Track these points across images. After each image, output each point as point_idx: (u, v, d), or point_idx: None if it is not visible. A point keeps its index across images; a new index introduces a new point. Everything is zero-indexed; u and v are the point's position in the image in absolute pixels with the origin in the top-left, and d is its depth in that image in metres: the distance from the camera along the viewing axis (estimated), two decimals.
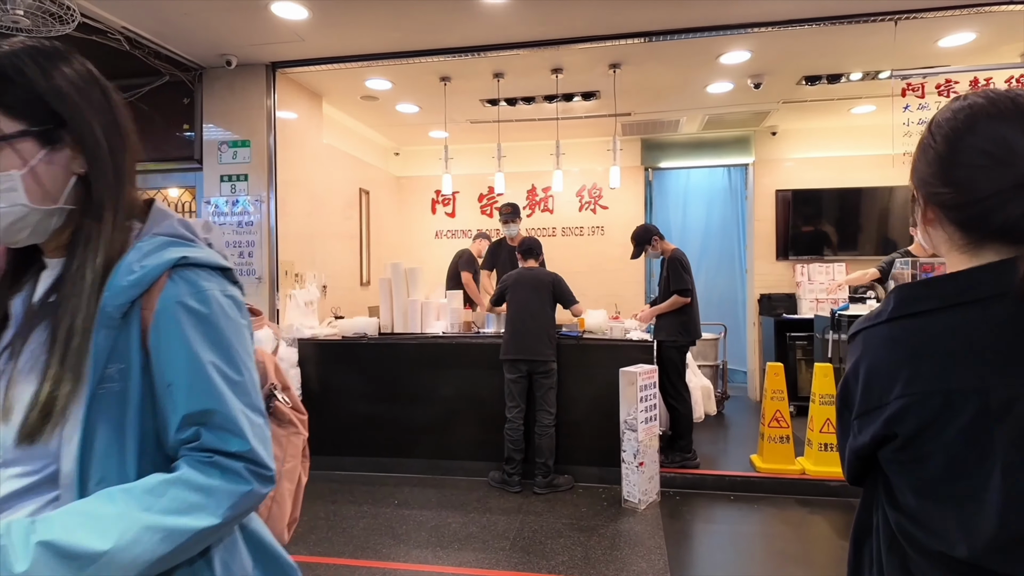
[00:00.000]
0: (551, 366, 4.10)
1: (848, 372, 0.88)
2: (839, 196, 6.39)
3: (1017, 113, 0.72)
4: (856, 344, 0.87)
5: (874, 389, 0.78)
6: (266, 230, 4.59)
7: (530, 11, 3.80)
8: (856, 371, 0.84)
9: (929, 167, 0.79)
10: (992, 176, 0.71)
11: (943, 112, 0.82)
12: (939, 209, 0.78)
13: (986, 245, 0.74)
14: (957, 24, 4.01)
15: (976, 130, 0.74)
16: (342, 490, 4.22)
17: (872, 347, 0.81)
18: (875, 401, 0.78)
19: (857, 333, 0.89)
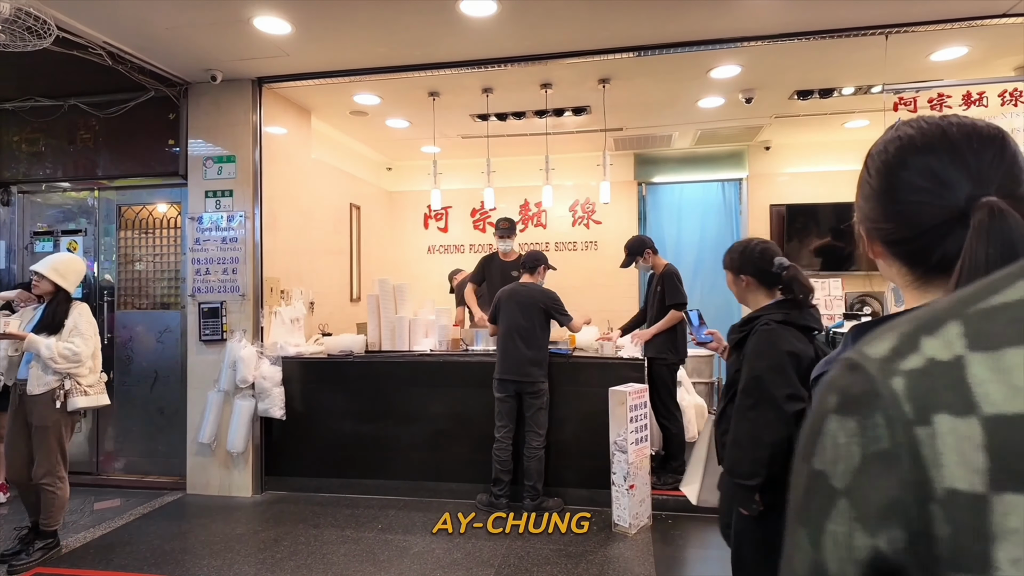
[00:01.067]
0: (540, 387, 4.00)
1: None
2: (834, 211, 6.33)
3: (946, 143, 0.68)
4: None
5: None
6: (251, 246, 4.51)
7: (517, 25, 3.76)
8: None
9: (867, 202, 0.74)
10: (927, 211, 0.67)
11: (876, 145, 0.77)
12: (883, 245, 0.74)
13: (933, 280, 0.70)
14: (949, 38, 3.97)
15: (907, 164, 0.70)
16: (325, 513, 4.10)
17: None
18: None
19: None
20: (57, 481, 3.37)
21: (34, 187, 5.09)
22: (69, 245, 5.01)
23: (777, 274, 2.05)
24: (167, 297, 4.89)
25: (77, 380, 3.30)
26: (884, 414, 0.36)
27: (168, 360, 4.83)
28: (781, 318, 1.97)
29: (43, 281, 3.27)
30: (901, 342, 0.38)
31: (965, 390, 0.33)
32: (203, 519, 4.06)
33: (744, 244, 2.17)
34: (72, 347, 3.22)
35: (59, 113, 4.86)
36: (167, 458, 4.78)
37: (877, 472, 0.35)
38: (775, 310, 2.02)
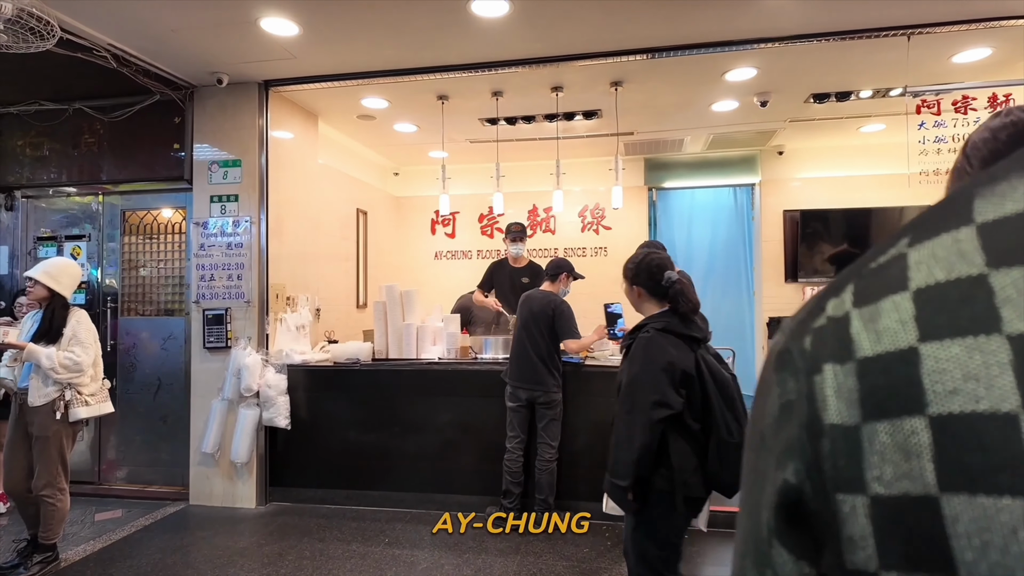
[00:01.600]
0: (553, 397, 3.88)
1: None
2: (848, 216, 6.22)
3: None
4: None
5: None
6: (256, 252, 4.43)
7: (528, 27, 3.68)
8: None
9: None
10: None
11: (980, 132, 0.67)
12: None
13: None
14: (972, 39, 3.86)
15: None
16: (330, 526, 4.00)
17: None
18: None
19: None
20: (57, 493, 3.28)
21: (38, 192, 5.03)
22: (72, 251, 4.94)
23: (666, 287, 2.14)
24: (171, 304, 4.81)
25: (78, 390, 3.21)
26: (791, 368, 0.41)
27: (171, 368, 4.75)
28: (662, 326, 2.09)
29: (37, 287, 3.19)
30: (814, 304, 0.43)
31: (847, 340, 0.39)
32: (206, 531, 3.96)
33: (640, 256, 2.26)
34: (73, 356, 3.14)
35: (63, 117, 4.80)
36: (170, 468, 4.69)
37: (785, 416, 0.41)
38: (659, 319, 2.13)
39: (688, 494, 2.00)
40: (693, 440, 2.03)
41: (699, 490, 2.02)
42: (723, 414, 2.01)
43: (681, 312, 2.12)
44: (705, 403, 2.03)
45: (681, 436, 2.02)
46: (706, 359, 2.07)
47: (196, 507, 4.42)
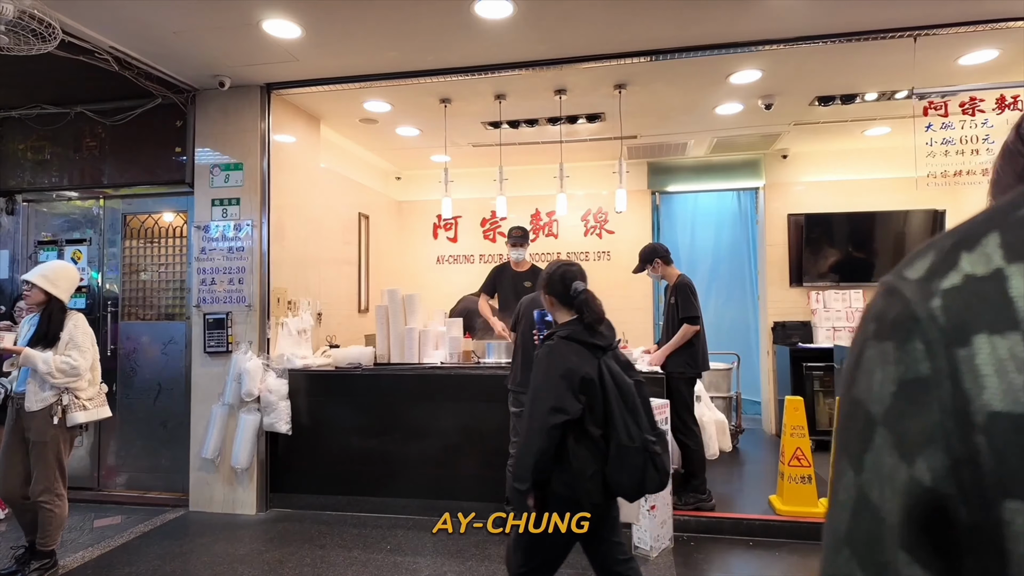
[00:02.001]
0: None
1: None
2: (853, 220, 6.17)
3: None
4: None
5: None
6: (258, 256, 4.40)
7: (531, 29, 3.65)
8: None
9: (1019, 179, 0.60)
10: None
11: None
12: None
13: None
14: (979, 41, 3.83)
15: None
16: (331, 532, 3.95)
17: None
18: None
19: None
20: (55, 499, 3.24)
21: (39, 196, 5.01)
22: (73, 255, 4.92)
23: (573, 297, 2.22)
24: (172, 308, 4.78)
25: (76, 394, 3.18)
26: (922, 338, 0.34)
27: (172, 372, 4.72)
28: (566, 335, 2.16)
29: (34, 290, 3.15)
30: (938, 260, 0.36)
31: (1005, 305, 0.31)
32: (205, 538, 3.91)
33: (554, 268, 2.34)
34: (70, 361, 3.10)
35: (65, 120, 4.79)
36: (170, 473, 4.64)
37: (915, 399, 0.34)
38: (565, 327, 2.21)
39: (589, 499, 2.04)
40: (594, 445, 2.06)
41: (599, 495, 2.04)
42: (624, 419, 2.04)
43: (586, 321, 2.17)
44: (606, 409, 2.05)
45: (582, 441, 2.05)
46: (609, 366, 2.10)
47: (196, 513, 4.37)
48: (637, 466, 2.01)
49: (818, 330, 5.99)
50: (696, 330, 4.06)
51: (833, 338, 5.80)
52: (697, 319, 4.07)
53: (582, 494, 2.02)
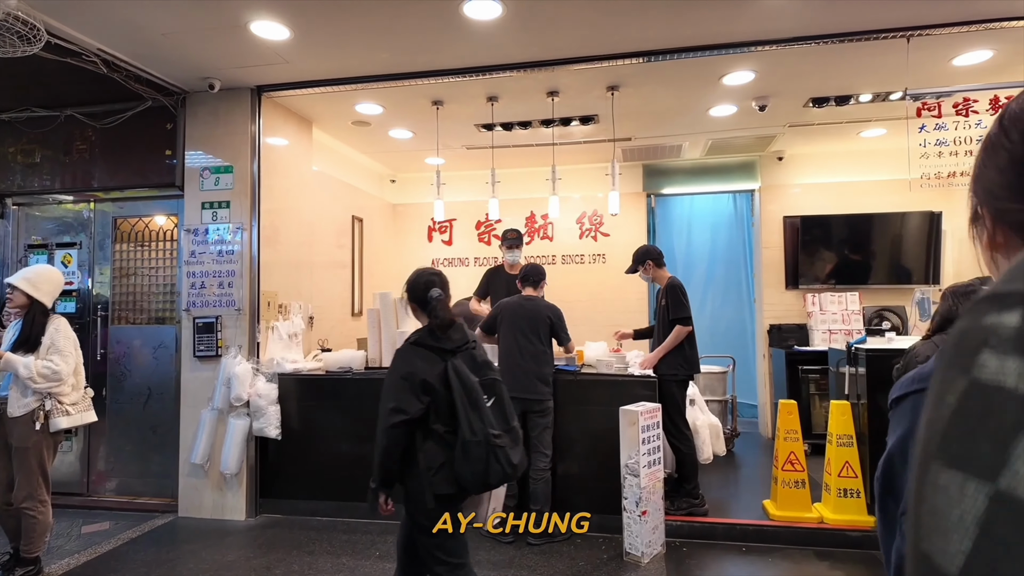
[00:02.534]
0: (547, 405, 3.81)
1: (892, 447, 0.63)
2: (849, 222, 6.14)
3: None
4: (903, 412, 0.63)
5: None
6: (248, 259, 4.37)
7: (521, 31, 3.63)
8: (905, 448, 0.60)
9: (1001, 174, 0.56)
10: None
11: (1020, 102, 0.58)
12: (1013, 232, 0.55)
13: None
14: (973, 41, 3.81)
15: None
16: (320, 539, 3.91)
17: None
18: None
19: (904, 397, 0.64)
20: (38, 505, 3.20)
21: (29, 199, 4.99)
22: (63, 259, 4.89)
23: (427, 303, 2.35)
24: (162, 312, 4.75)
25: (59, 399, 3.14)
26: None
27: (162, 377, 4.68)
28: (415, 339, 2.30)
29: (15, 293, 3.12)
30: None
31: None
32: (193, 544, 3.87)
33: (415, 276, 2.48)
34: (51, 366, 3.06)
35: (55, 124, 4.76)
36: (160, 479, 4.61)
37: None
38: (416, 332, 2.34)
39: (436, 491, 2.18)
40: (441, 441, 2.21)
41: (446, 487, 2.18)
42: (467, 415, 2.17)
43: (433, 327, 2.32)
44: (452, 407, 2.19)
45: (429, 438, 2.22)
46: (456, 367, 2.23)
47: (185, 519, 4.33)
48: (480, 459, 2.13)
49: (814, 333, 5.96)
50: (688, 331, 4.03)
51: (829, 341, 5.76)
52: (688, 320, 4.03)
53: (427, 487, 2.18)
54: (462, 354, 2.29)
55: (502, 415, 2.25)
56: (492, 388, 2.28)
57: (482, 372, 2.30)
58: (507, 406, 2.29)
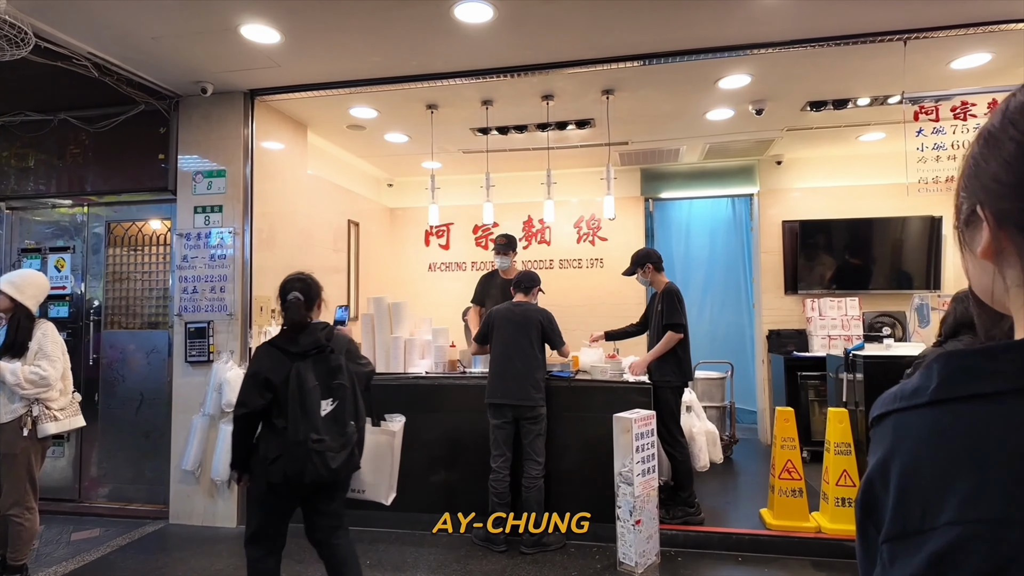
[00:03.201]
0: (539, 411, 3.76)
1: (873, 470, 0.59)
2: (849, 227, 6.09)
3: None
4: (884, 431, 0.58)
5: (913, 504, 0.50)
6: (240, 263, 4.34)
7: (515, 33, 3.60)
8: (885, 472, 0.55)
9: (1008, 169, 0.51)
10: None
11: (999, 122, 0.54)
12: (1019, 233, 0.51)
13: None
14: (971, 44, 3.76)
15: None
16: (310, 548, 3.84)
17: (909, 440, 0.53)
18: (915, 522, 0.50)
19: (884, 416, 0.59)
20: (25, 512, 3.16)
21: (23, 203, 4.97)
22: (56, 263, 4.87)
23: (283, 305, 2.55)
24: (155, 317, 4.72)
25: (46, 405, 3.11)
26: None
27: (154, 382, 4.65)
28: (271, 339, 2.50)
29: (0, 297, 3.09)
30: None
31: None
32: (183, 552, 3.83)
33: (285, 278, 2.63)
34: (39, 371, 3.03)
35: (49, 128, 4.75)
36: (152, 485, 4.57)
37: None
38: (279, 332, 2.54)
39: (269, 479, 2.39)
40: (281, 436, 2.38)
41: (278, 477, 2.37)
42: (296, 418, 2.34)
43: (284, 329, 2.52)
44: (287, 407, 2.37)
45: (271, 431, 2.42)
46: (299, 371, 2.38)
47: (176, 526, 4.29)
48: (298, 459, 2.32)
49: (813, 338, 5.90)
50: (680, 338, 3.98)
51: (828, 347, 5.71)
52: (681, 326, 3.99)
53: (262, 474, 2.41)
54: (312, 359, 2.43)
55: (337, 421, 2.40)
56: (335, 392, 2.43)
57: (330, 377, 2.44)
58: (347, 413, 2.43)
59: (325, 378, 2.43)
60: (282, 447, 2.35)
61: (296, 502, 2.57)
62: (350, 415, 2.44)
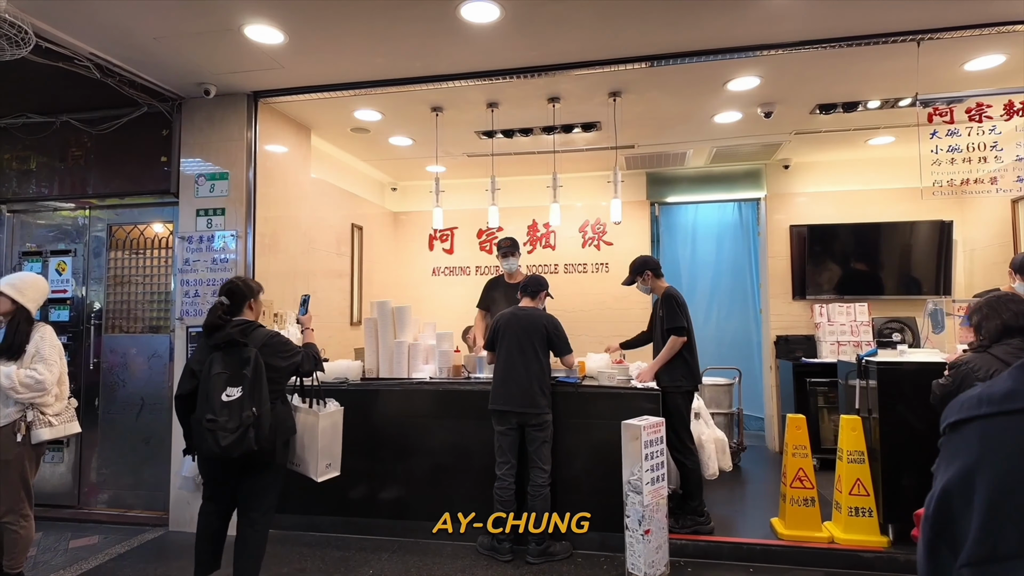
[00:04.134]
0: (544, 418, 3.68)
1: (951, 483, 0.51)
2: (857, 232, 6.02)
3: None
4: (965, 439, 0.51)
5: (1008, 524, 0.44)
6: (242, 267, 4.29)
7: (520, 34, 3.55)
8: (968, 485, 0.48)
9: None
10: None
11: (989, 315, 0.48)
12: None
13: None
14: (985, 45, 3.70)
15: None
16: (312, 555, 3.79)
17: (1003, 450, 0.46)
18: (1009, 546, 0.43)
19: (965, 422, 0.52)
20: (20, 519, 3.09)
21: (24, 206, 4.93)
22: (58, 266, 4.82)
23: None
24: (157, 320, 4.67)
25: (41, 410, 3.04)
26: None
27: (155, 387, 4.59)
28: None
29: (1, 299, 3.04)
30: None
31: None
32: (181, 560, 3.75)
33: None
34: (34, 375, 2.97)
35: (51, 130, 4.71)
36: (152, 491, 4.50)
37: None
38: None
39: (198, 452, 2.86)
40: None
41: (189, 448, 2.89)
42: (200, 401, 2.72)
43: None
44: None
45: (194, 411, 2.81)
46: (211, 361, 2.76)
47: (175, 533, 4.22)
48: (199, 434, 2.70)
49: (822, 344, 5.82)
50: (683, 341, 3.90)
51: (837, 353, 5.62)
52: (683, 329, 3.91)
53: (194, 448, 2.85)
54: (224, 351, 2.78)
55: (235, 406, 2.68)
56: (241, 381, 2.72)
57: (238, 368, 2.75)
58: (247, 399, 2.69)
59: (234, 368, 2.74)
60: (194, 424, 2.76)
61: (225, 473, 2.92)
62: (252, 402, 2.69)
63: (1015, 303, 2.43)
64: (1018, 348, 2.35)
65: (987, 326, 2.42)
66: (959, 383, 2.44)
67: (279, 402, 2.94)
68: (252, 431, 2.67)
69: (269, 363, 2.83)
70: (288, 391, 3.15)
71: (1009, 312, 2.39)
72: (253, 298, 3.06)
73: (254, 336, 2.87)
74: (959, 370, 2.49)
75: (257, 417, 2.70)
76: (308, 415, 3.17)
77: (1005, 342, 2.37)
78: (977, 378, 2.35)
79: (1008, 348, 2.36)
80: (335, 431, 3.28)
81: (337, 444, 3.30)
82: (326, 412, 3.20)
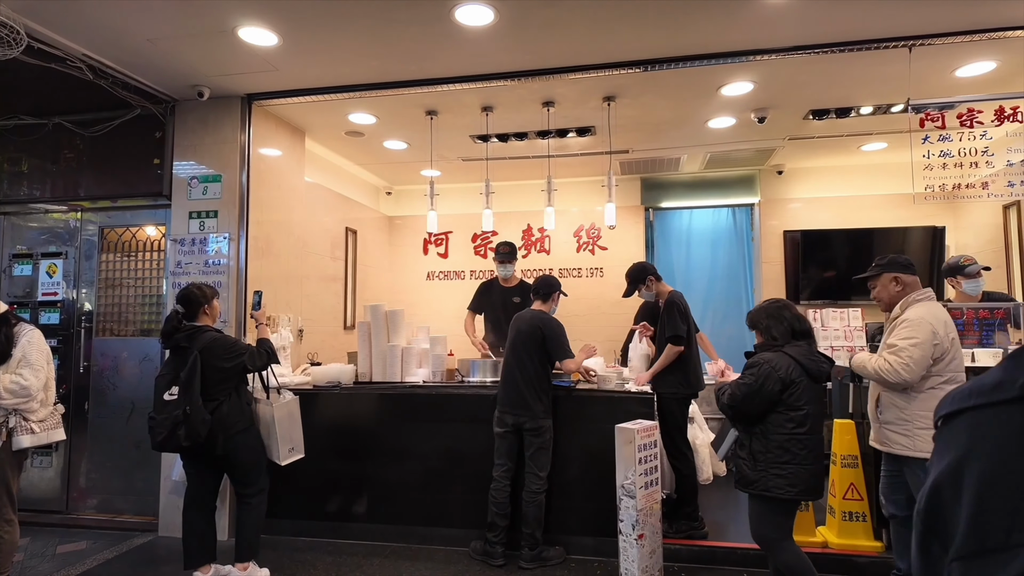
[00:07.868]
0: (541, 423, 3.65)
1: (940, 476, 0.51)
2: (851, 237, 6.04)
3: None
4: (955, 432, 0.51)
5: (995, 516, 0.43)
6: (235, 270, 4.27)
7: (514, 38, 3.56)
8: (958, 478, 0.48)
9: None
10: None
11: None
12: None
13: None
14: (976, 51, 3.73)
15: None
16: (304, 561, 3.75)
17: (991, 441, 0.45)
18: (997, 538, 0.43)
19: (956, 414, 0.52)
20: (4, 524, 3.05)
21: (15, 208, 4.89)
22: (48, 269, 4.79)
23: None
24: (148, 324, 4.63)
25: (25, 416, 2.98)
26: None
27: (145, 390, 4.53)
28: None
29: None
30: None
31: None
32: (171, 565, 3.71)
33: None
34: (20, 381, 2.92)
35: (43, 132, 4.69)
36: (141, 496, 4.46)
37: None
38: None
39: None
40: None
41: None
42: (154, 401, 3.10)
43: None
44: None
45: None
46: (163, 365, 3.18)
47: (165, 538, 4.18)
48: (150, 428, 3.07)
49: None
50: (679, 351, 3.88)
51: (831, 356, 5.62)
52: (682, 338, 3.89)
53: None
54: (174, 354, 3.10)
55: (170, 404, 2.98)
56: (179, 382, 3.00)
57: (180, 370, 3.02)
58: (180, 400, 2.96)
59: (177, 370, 3.01)
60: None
61: (197, 468, 3.24)
62: (185, 400, 2.94)
63: (788, 309, 2.77)
64: (807, 349, 2.68)
65: (777, 329, 2.72)
66: (762, 381, 2.59)
67: (229, 399, 3.14)
68: (182, 428, 2.90)
69: (213, 364, 3.06)
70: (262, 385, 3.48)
71: (790, 316, 2.73)
72: (207, 304, 3.29)
73: (200, 340, 3.10)
74: (761, 368, 2.63)
75: (187, 415, 2.92)
76: (266, 407, 3.42)
77: (795, 343, 2.68)
78: (778, 375, 2.57)
79: (800, 348, 2.66)
80: (292, 419, 3.55)
81: (297, 430, 3.58)
82: (281, 403, 3.47)
